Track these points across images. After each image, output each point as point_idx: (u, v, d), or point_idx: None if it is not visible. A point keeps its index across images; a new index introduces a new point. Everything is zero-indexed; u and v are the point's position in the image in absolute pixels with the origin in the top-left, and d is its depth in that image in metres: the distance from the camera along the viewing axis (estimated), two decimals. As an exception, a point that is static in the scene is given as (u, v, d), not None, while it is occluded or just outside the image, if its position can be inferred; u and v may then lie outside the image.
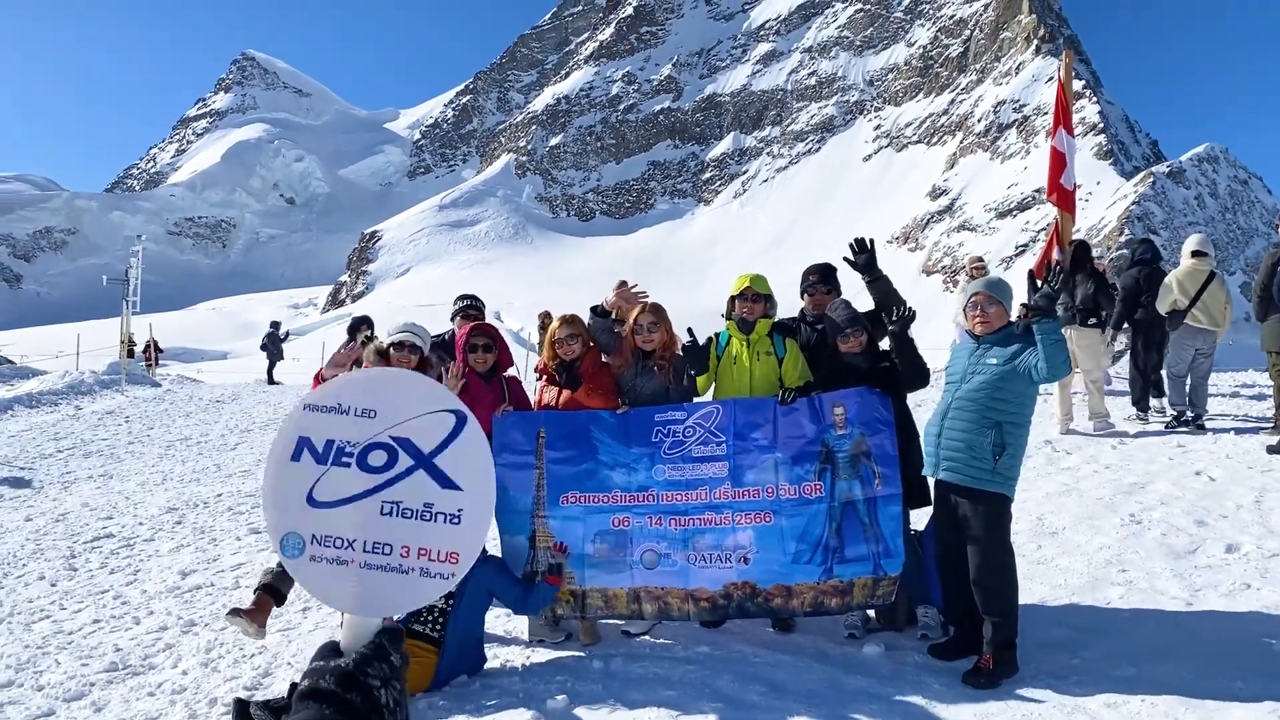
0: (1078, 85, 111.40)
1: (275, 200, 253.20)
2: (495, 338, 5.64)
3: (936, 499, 4.95)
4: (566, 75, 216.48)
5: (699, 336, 5.48)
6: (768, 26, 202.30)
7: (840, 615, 5.12)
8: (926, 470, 4.94)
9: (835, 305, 5.36)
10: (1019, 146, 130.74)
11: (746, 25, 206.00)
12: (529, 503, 5.18)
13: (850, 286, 5.44)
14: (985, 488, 4.60)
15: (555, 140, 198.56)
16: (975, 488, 4.61)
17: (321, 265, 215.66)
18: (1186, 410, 9.96)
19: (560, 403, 5.41)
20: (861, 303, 5.48)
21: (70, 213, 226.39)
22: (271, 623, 5.17)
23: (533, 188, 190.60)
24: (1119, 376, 13.17)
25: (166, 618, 5.90)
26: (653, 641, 5.27)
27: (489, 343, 5.57)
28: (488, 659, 4.96)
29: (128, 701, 4.63)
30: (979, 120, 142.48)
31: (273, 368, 26.81)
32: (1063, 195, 9.78)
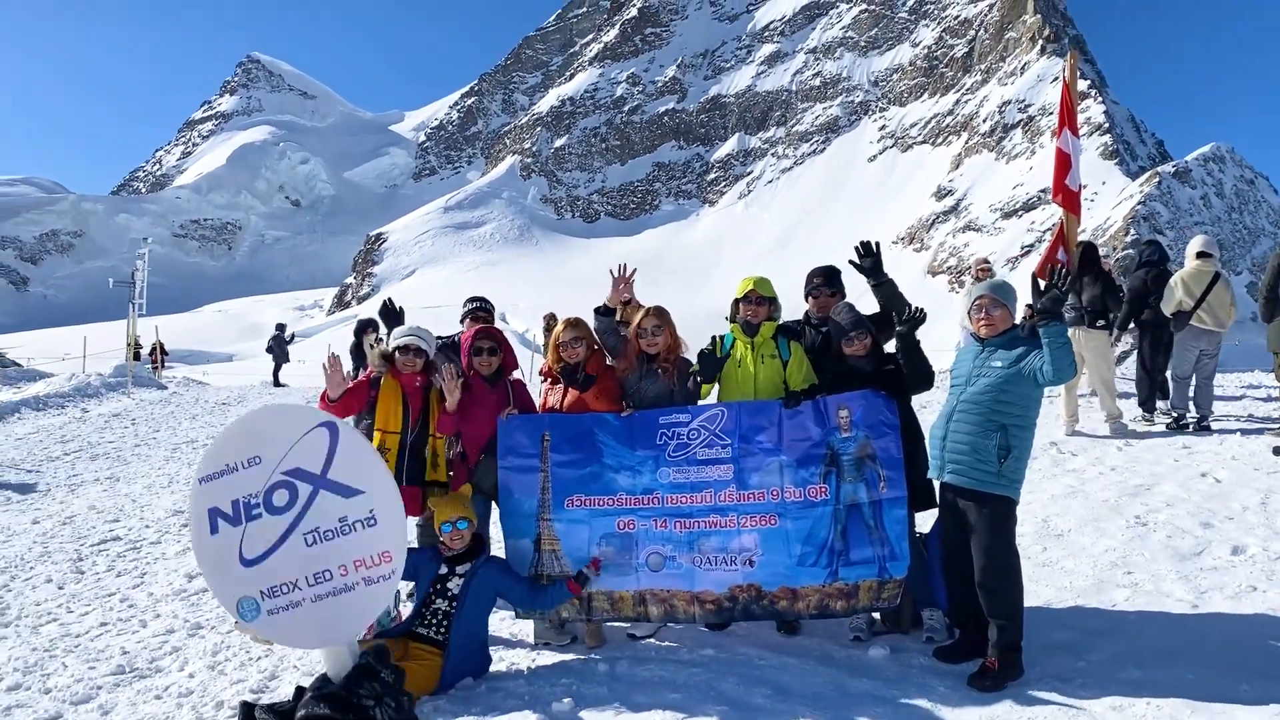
0: (1083, 85, 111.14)
1: (281, 202, 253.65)
2: (500, 341, 5.66)
3: (941, 502, 4.95)
4: (571, 77, 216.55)
5: (704, 340, 5.48)
6: (772, 27, 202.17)
7: (845, 618, 5.12)
8: (931, 473, 4.94)
9: (840, 308, 5.36)
10: (1024, 147, 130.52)
11: (751, 26, 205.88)
12: (534, 506, 5.19)
13: (855, 289, 5.44)
14: (990, 490, 4.59)
15: (560, 142, 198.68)
16: (980, 490, 4.61)
17: (327, 267, 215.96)
18: (1186, 413, 9.94)
19: (565, 406, 5.42)
20: (866, 305, 5.48)
21: (76, 215, 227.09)
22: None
23: (537, 189, 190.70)
24: (1123, 378, 13.14)
25: (173, 621, 5.93)
26: (658, 644, 5.27)
27: (494, 346, 5.59)
28: (493, 661, 4.97)
29: (135, 705, 4.65)
30: (984, 120, 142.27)
31: (278, 370, 26.83)
32: (1068, 196, 9.76)
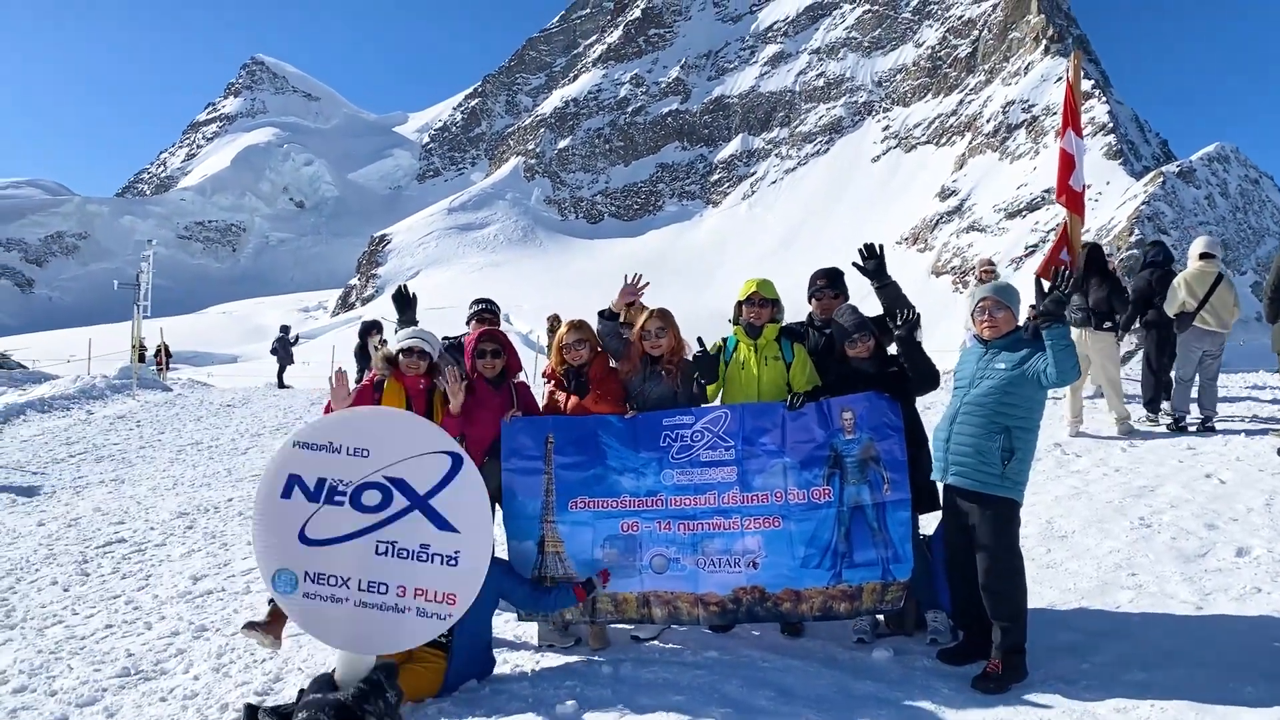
0: (1087, 85, 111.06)
1: (285, 204, 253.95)
2: (504, 343, 5.66)
3: (945, 504, 4.94)
4: (574, 78, 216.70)
5: (707, 342, 5.48)
6: (775, 28, 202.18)
7: (849, 620, 5.12)
8: (935, 475, 4.94)
9: (843, 310, 5.36)
10: (1028, 147, 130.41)
11: (754, 27, 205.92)
12: (538, 508, 5.19)
13: (858, 290, 5.45)
14: (994, 492, 4.59)
15: (563, 143, 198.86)
16: (984, 492, 4.61)
17: (331, 269, 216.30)
18: (1187, 415, 9.92)
19: (568, 408, 5.43)
20: (869, 307, 5.48)
21: (81, 217, 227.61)
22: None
23: (541, 190, 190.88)
24: (1127, 379, 13.11)
25: (178, 623, 5.94)
26: (662, 646, 5.28)
27: (497, 348, 5.59)
28: (497, 663, 4.98)
29: (140, 707, 4.67)
30: (988, 120, 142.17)
31: (283, 371, 26.86)
32: (1072, 197, 9.72)
